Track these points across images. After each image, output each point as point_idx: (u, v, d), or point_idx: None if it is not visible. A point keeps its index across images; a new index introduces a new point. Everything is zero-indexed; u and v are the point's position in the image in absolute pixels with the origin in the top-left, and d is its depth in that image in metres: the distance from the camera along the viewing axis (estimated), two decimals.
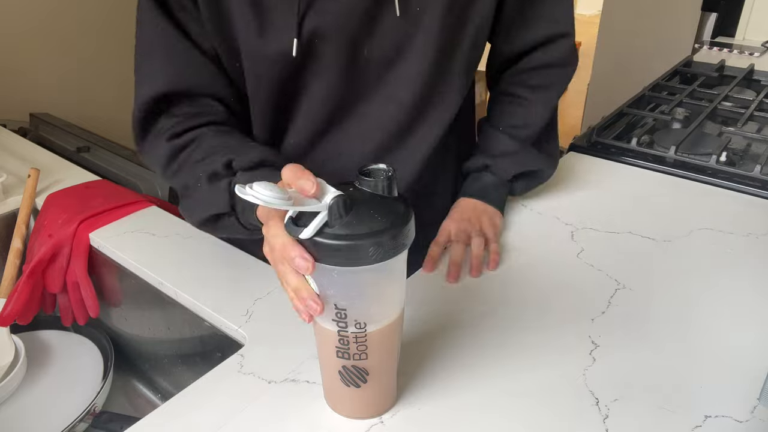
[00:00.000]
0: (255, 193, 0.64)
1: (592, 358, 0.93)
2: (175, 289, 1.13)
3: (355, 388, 0.81)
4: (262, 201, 0.64)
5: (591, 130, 1.66)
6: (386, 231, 0.68)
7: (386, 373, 0.83)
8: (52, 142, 2.01)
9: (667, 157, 1.53)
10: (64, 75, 2.78)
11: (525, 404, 0.86)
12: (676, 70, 2.18)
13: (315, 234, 0.68)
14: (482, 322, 1.01)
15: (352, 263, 0.68)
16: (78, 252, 1.31)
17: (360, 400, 0.84)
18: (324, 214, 0.68)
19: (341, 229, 0.67)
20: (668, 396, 0.87)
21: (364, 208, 0.69)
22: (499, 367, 0.92)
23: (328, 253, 0.68)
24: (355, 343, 0.76)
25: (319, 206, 0.67)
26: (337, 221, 0.67)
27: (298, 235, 0.68)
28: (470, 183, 1.28)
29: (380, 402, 0.85)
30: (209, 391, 0.91)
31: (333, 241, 0.67)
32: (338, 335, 0.76)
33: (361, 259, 0.68)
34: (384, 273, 0.72)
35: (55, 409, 1.23)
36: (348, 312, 0.73)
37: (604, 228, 1.26)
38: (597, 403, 0.85)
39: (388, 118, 1.10)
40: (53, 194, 1.47)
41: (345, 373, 0.80)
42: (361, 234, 0.67)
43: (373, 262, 0.68)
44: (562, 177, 1.47)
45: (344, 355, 0.77)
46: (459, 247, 1.16)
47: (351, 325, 0.74)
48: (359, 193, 0.71)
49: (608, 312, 1.03)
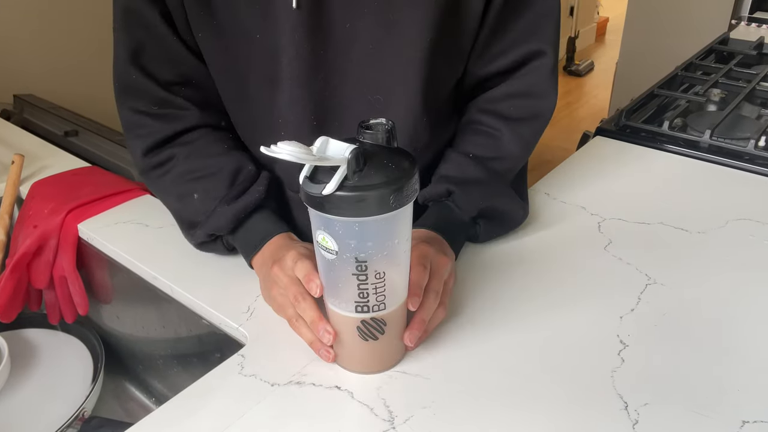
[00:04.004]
0: (281, 150, 0.71)
1: (620, 358, 0.93)
2: (171, 285, 1.13)
3: (372, 341, 0.89)
4: (288, 156, 0.71)
5: (619, 112, 1.66)
6: (402, 178, 0.76)
7: (400, 322, 0.91)
8: (37, 125, 2.01)
9: (702, 141, 1.52)
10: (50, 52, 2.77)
11: (548, 408, 0.86)
12: (712, 48, 2.17)
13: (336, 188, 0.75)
14: (501, 320, 1.01)
15: (374, 212, 0.76)
16: (65, 244, 1.32)
17: (377, 352, 0.92)
18: (343, 168, 0.75)
19: (361, 181, 0.75)
20: (703, 400, 0.87)
21: (376, 159, 0.77)
22: (520, 368, 0.92)
23: (351, 206, 0.76)
24: (375, 294, 0.84)
25: (339, 161, 0.74)
26: (357, 173, 0.75)
27: (321, 192, 0.75)
28: (429, 215, 1.15)
29: (395, 352, 0.94)
30: (207, 394, 0.91)
31: (355, 192, 0.75)
32: (358, 289, 0.84)
33: (382, 207, 0.76)
34: (401, 219, 0.80)
35: (40, 414, 1.23)
36: (368, 264, 0.81)
37: (633, 218, 1.26)
38: (626, 407, 0.85)
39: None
40: (39, 182, 1.48)
41: (364, 327, 0.88)
42: (381, 183, 0.75)
43: (394, 208, 0.77)
44: (588, 164, 1.46)
45: (363, 309, 0.86)
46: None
47: (371, 276, 0.82)
48: (366, 145, 0.79)
49: (638, 309, 1.03)
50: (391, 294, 0.86)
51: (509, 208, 1.20)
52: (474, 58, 1.14)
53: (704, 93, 1.78)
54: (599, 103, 5.44)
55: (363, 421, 0.85)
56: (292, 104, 1.06)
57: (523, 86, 1.15)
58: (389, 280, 0.84)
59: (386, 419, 0.85)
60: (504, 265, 1.14)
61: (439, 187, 1.14)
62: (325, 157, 0.75)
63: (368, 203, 0.75)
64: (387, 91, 1.07)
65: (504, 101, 1.17)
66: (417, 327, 0.93)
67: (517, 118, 1.17)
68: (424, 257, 0.97)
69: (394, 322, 0.89)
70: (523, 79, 1.15)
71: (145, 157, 1.14)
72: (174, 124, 1.14)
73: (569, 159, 1.52)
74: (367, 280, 0.83)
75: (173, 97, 1.13)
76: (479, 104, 1.20)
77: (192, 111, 1.15)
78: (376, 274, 0.82)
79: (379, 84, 1.06)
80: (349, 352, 0.92)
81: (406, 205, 0.78)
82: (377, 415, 0.86)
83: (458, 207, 1.13)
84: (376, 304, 0.85)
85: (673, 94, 1.80)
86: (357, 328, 0.88)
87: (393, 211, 0.77)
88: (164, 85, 1.12)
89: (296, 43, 1.01)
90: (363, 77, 1.06)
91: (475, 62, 1.15)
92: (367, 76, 1.06)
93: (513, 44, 1.12)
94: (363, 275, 0.82)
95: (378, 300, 0.85)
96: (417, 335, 0.92)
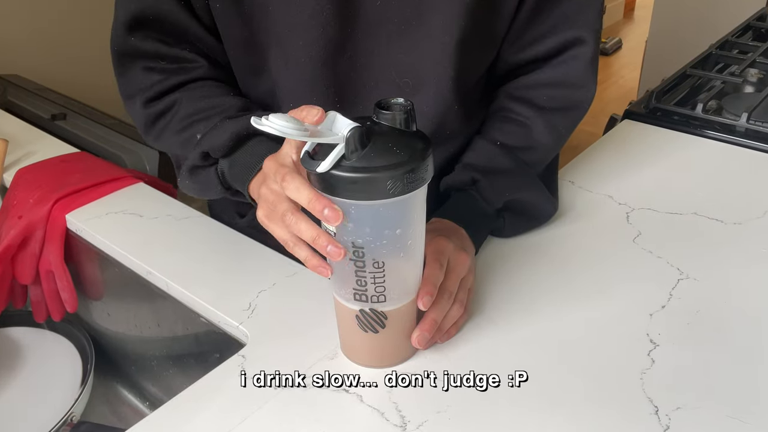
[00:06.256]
0: (271, 124, 0.71)
1: (650, 359, 0.93)
2: (166, 280, 1.13)
3: (373, 333, 0.89)
4: (277, 131, 0.71)
5: (649, 94, 1.65)
6: (405, 164, 0.76)
7: (405, 318, 0.91)
8: (22, 108, 2.02)
9: (738, 125, 1.52)
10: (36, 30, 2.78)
11: (572, 413, 0.86)
12: (749, 25, 2.16)
13: (332, 167, 0.75)
14: (521, 318, 1.01)
15: (370, 197, 0.77)
16: (53, 236, 1.32)
17: (378, 346, 0.92)
18: (341, 146, 0.75)
19: (359, 162, 0.75)
20: (739, 404, 0.86)
21: (382, 140, 0.77)
22: (541, 369, 0.92)
23: (345, 187, 0.76)
24: (374, 284, 0.84)
25: (336, 138, 0.75)
26: (355, 153, 0.75)
27: (315, 169, 0.76)
28: (450, 204, 1.15)
29: (399, 350, 0.94)
30: (205, 398, 0.91)
31: (350, 173, 0.75)
32: (356, 275, 0.84)
33: (379, 193, 0.76)
34: (403, 209, 0.80)
35: (25, 420, 1.24)
36: (366, 251, 0.81)
37: (664, 208, 1.26)
38: (656, 411, 0.85)
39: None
40: (24, 169, 1.48)
41: (362, 317, 0.88)
42: (379, 166, 0.75)
43: (391, 195, 0.76)
44: (615, 149, 1.46)
45: (362, 298, 0.86)
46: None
47: (369, 264, 0.82)
48: (377, 126, 0.79)
49: (669, 306, 1.03)
50: (393, 287, 0.85)
51: (537, 201, 1.19)
52: (508, 43, 1.14)
53: (741, 73, 1.78)
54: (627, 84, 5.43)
55: (373, 427, 0.85)
56: (314, 84, 1.06)
57: (558, 75, 1.15)
58: (390, 272, 0.84)
59: (398, 425, 0.85)
60: (524, 258, 1.14)
61: (464, 175, 1.14)
62: (321, 133, 0.76)
63: (362, 187, 0.76)
64: (416, 74, 1.07)
65: (537, 89, 1.17)
66: (427, 328, 0.92)
67: (550, 108, 1.16)
68: (440, 253, 0.96)
69: (397, 318, 0.89)
70: (559, 68, 1.14)
71: (145, 109, 1.12)
72: (179, 76, 1.12)
73: (595, 144, 1.52)
74: (364, 268, 0.83)
75: (181, 51, 1.12)
76: (510, 90, 1.20)
77: (201, 64, 1.13)
78: (374, 263, 0.82)
79: (408, 67, 1.06)
80: (350, 341, 0.94)
81: (408, 193, 0.77)
82: (388, 420, 0.86)
83: (483, 197, 1.13)
84: (375, 295, 0.85)
85: (707, 75, 1.79)
86: (356, 317, 0.88)
87: (390, 198, 0.76)
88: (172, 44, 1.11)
89: (323, 19, 1.01)
90: (391, 59, 1.06)
91: (509, 48, 1.14)
92: (396, 58, 1.06)
93: (551, 30, 1.11)
94: (360, 262, 0.82)
95: (377, 291, 0.85)
96: (426, 337, 0.92)
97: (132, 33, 1.09)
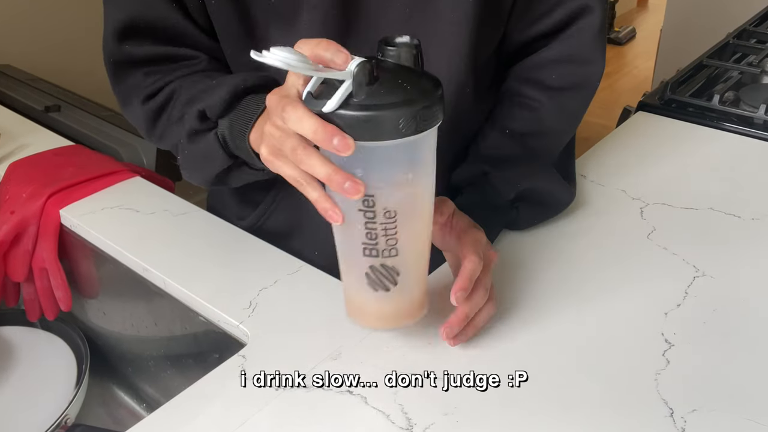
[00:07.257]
0: (273, 56, 0.68)
1: (665, 359, 0.93)
2: (164, 277, 1.14)
3: (384, 292, 0.86)
4: (281, 63, 0.68)
5: (664, 85, 1.65)
6: (417, 101, 0.73)
7: (418, 273, 0.89)
8: (14, 99, 2.02)
9: (756, 117, 1.52)
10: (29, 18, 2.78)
11: (584, 415, 0.86)
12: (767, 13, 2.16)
13: (340, 106, 0.73)
14: (531, 317, 1.01)
15: (381, 137, 0.74)
16: (46, 232, 1.32)
17: (389, 305, 0.89)
18: (348, 83, 0.72)
19: (368, 100, 0.73)
20: (757, 406, 0.86)
21: (391, 77, 0.75)
22: (552, 370, 0.93)
23: (354, 127, 0.73)
24: (385, 236, 0.81)
25: (343, 74, 0.72)
26: (363, 90, 0.73)
27: (321, 108, 0.73)
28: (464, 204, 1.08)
29: (412, 307, 0.91)
30: (204, 399, 0.91)
31: (360, 112, 0.72)
32: (365, 228, 0.81)
33: (390, 132, 0.73)
34: (415, 151, 0.78)
35: (18, 422, 1.24)
36: (376, 199, 0.78)
37: (679, 204, 1.26)
38: (671, 413, 0.85)
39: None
40: (16, 162, 1.48)
41: (373, 274, 0.85)
42: (390, 103, 0.72)
43: (404, 135, 0.73)
44: (629, 142, 1.46)
45: (372, 253, 0.83)
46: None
47: (380, 214, 0.80)
48: (384, 63, 0.77)
49: (685, 304, 1.03)
50: (405, 239, 0.83)
51: (552, 188, 1.19)
52: (515, 19, 1.13)
53: (759, 63, 1.77)
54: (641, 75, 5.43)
55: (378, 429, 0.86)
56: None
57: (567, 50, 1.15)
58: (402, 223, 0.81)
59: (404, 427, 0.85)
60: (533, 255, 1.14)
61: (474, 167, 1.15)
62: (326, 68, 0.73)
63: (373, 125, 0.73)
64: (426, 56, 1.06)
65: (545, 68, 1.17)
66: (458, 322, 0.91)
67: (559, 87, 1.16)
68: (479, 243, 0.95)
69: (410, 273, 0.87)
70: (567, 42, 1.14)
71: (144, 106, 1.10)
72: (182, 70, 1.11)
73: (608, 137, 1.52)
74: (375, 219, 0.80)
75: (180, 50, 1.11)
76: (518, 72, 1.20)
77: (202, 58, 1.12)
78: (385, 213, 0.80)
79: None
80: (358, 302, 0.91)
81: (421, 132, 0.75)
82: (393, 423, 0.86)
83: (494, 189, 1.13)
84: (387, 248, 0.83)
85: (724, 65, 1.79)
86: (366, 274, 0.85)
87: (403, 137, 0.74)
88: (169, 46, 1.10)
89: (325, 6, 1.01)
90: None
91: (516, 25, 1.14)
92: None
93: (558, 2, 1.11)
94: (371, 212, 0.79)
95: (389, 244, 0.82)
96: (456, 331, 0.92)
97: (125, 41, 1.08)
